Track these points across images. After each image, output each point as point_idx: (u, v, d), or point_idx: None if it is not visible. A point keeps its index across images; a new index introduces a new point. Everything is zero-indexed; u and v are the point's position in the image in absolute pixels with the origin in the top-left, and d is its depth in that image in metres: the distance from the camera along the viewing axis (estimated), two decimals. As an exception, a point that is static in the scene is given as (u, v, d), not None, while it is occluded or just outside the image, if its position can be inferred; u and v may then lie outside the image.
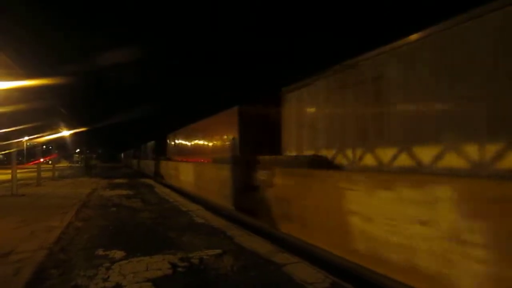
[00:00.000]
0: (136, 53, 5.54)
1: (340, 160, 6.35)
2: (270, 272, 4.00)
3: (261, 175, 6.62)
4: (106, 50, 5.54)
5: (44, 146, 58.28)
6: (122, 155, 61.84)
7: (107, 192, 12.93)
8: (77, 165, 44.18)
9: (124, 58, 5.67)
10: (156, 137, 21.31)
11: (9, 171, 11.91)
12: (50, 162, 36.37)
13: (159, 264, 4.20)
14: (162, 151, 18.34)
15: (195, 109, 11.75)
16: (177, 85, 8.32)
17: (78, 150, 54.42)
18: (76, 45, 5.57)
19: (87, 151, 35.18)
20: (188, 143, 14.44)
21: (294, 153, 7.83)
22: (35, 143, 47.46)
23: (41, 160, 41.30)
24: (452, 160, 4.34)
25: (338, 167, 6.29)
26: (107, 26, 4.91)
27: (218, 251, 4.80)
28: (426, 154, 4.70)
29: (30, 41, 5.39)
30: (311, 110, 7.38)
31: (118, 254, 4.65)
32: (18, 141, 38.83)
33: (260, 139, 8.57)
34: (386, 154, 5.36)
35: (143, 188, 14.54)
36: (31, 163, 37.94)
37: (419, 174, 4.60)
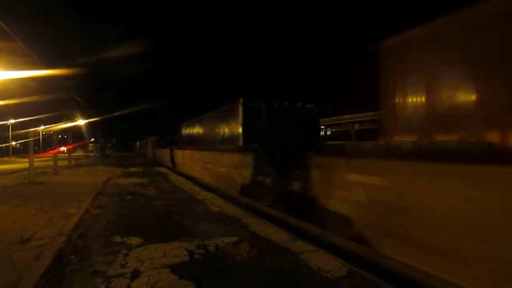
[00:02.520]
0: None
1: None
2: (287, 259, 3.98)
3: None
4: (124, 40, 5.45)
5: (60, 135, 59.37)
6: (138, 143, 62.09)
7: (122, 180, 13.09)
8: (92, 154, 44.93)
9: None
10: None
11: (27, 160, 12.17)
12: (65, 151, 37.04)
13: (176, 251, 4.22)
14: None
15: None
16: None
17: (92, 139, 55.39)
18: (95, 35, 5.51)
19: (102, 141, 35.67)
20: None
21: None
22: (51, 133, 48.37)
23: (63, 149, 41.88)
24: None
25: None
26: (124, 18, 4.82)
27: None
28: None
29: (47, 30, 5.37)
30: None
31: (135, 240, 4.68)
32: (35, 130, 39.65)
33: None
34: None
35: (157, 177, 14.69)
36: (47, 152, 38.66)
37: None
